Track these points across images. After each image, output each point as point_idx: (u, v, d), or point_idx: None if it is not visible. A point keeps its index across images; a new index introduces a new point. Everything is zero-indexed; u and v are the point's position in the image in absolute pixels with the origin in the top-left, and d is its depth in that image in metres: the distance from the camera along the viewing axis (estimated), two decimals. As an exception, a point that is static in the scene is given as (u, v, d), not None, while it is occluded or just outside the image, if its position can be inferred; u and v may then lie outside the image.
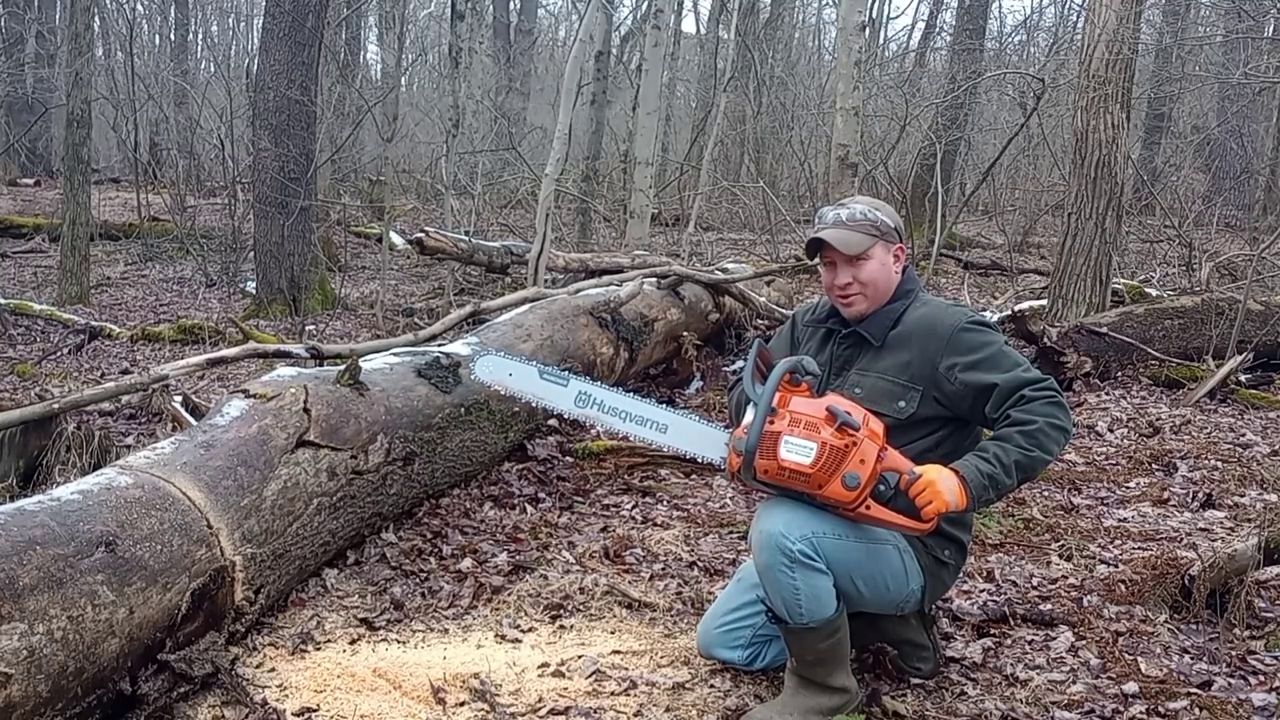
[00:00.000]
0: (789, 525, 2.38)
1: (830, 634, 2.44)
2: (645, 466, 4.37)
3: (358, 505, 3.32)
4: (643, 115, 11.18)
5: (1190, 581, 3.13)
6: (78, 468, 3.94)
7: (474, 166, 11.28)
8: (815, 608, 2.40)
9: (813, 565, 2.38)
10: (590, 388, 2.80)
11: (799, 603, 2.39)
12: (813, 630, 2.42)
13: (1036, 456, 2.35)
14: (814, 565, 2.38)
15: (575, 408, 2.78)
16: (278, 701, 2.57)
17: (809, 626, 2.42)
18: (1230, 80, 12.70)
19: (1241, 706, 2.60)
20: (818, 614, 2.40)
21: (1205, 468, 4.66)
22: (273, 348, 4.80)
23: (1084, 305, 7.33)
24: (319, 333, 7.80)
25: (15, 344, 7.66)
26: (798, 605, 2.39)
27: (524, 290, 6.04)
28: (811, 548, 2.37)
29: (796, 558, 2.36)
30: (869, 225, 2.60)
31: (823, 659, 2.47)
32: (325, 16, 9.20)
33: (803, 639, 2.45)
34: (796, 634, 2.45)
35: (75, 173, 9.92)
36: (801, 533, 2.37)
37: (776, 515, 2.40)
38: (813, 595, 2.39)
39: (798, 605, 2.39)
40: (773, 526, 2.39)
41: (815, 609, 2.40)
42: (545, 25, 26.11)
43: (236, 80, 16.02)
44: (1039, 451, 2.35)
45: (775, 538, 2.37)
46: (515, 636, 2.94)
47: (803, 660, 2.50)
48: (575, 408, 2.78)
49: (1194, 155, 14.25)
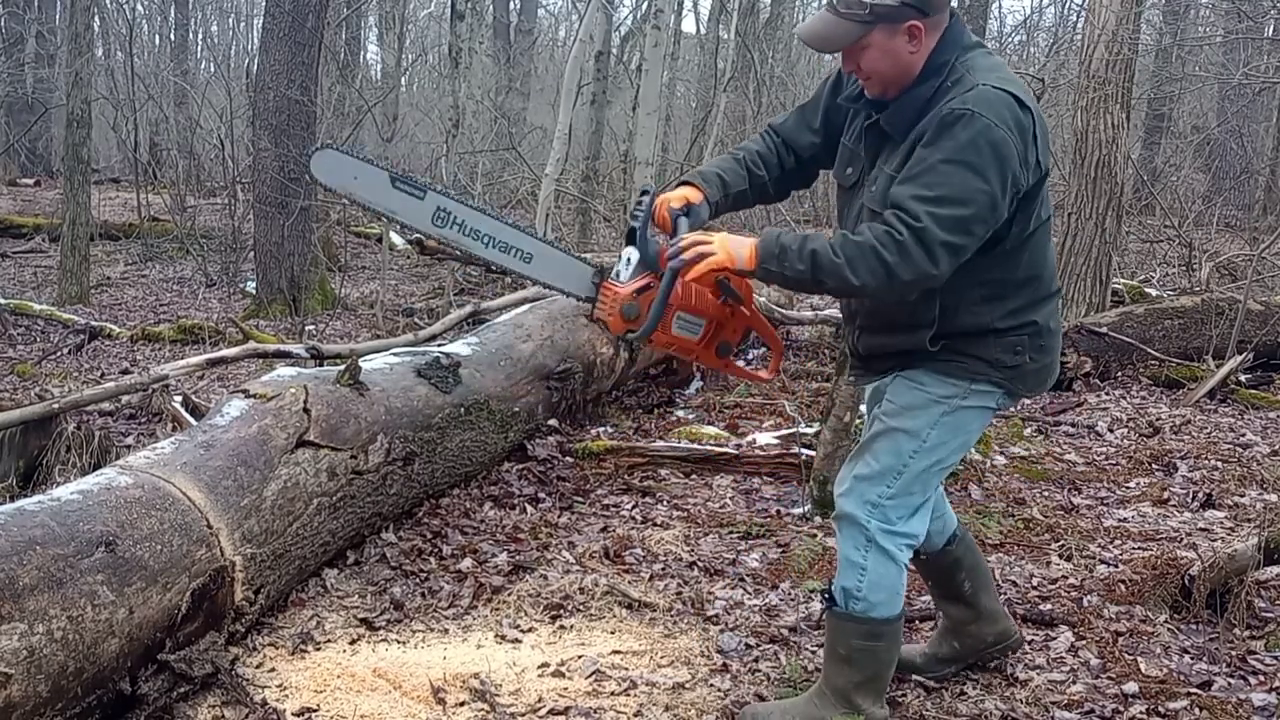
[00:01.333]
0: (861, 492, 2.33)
1: (871, 635, 2.37)
2: (645, 466, 4.37)
3: (358, 505, 3.32)
4: (643, 115, 11.17)
5: (1190, 581, 3.13)
6: (78, 468, 3.95)
7: (474, 166, 11.27)
8: (874, 599, 2.34)
9: (886, 549, 2.31)
10: (451, 205, 2.50)
11: (860, 588, 2.34)
12: (856, 623, 2.36)
13: (838, 264, 2.11)
14: (887, 548, 2.31)
15: (433, 226, 2.49)
16: (278, 701, 2.57)
17: (853, 616, 2.36)
18: (1230, 80, 12.69)
19: (1241, 706, 2.60)
20: (870, 609, 2.34)
21: (1205, 468, 4.66)
22: (273, 348, 4.80)
23: (1084, 305, 7.33)
24: (319, 333, 7.80)
25: (15, 344, 7.67)
26: (857, 588, 2.34)
27: (524, 290, 6.04)
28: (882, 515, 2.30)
29: (874, 537, 2.31)
30: (859, 8, 2.13)
31: (853, 660, 2.39)
32: (325, 16, 9.21)
33: (843, 628, 2.39)
34: (838, 620, 2.39)
35: (75, 173, 9.92)
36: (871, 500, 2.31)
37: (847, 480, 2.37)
38: (875, 585, 2.33)
39: (857, 588, 2.34)
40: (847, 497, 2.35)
41: (872, 601, 2.34)
42: (545, 25, 26.12)
43: (236, 80, 16.02)
44: (844, 262, 2.10)
45: (851, 511, 2.33)
46: (515, 636, 2.94)
47: (833, 652, 2.42)
48: (433, 226, 2.49)
49: (1194, 155, 14.24)
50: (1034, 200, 2.21)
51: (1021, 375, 2.30)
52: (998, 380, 2.30)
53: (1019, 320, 2.28)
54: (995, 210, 2.11)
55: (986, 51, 2.24)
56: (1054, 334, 2.34)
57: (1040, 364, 2.32)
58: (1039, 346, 2.30)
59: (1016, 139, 2.10)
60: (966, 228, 2.09)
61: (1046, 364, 2.34)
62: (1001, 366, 2.28)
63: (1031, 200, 2.20)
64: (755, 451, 4.45)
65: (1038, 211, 2.24)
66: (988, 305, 2.26)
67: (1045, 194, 2.27)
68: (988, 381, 2.29)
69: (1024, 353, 2.28)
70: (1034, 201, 2.21)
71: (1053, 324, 2.33)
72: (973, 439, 2.41)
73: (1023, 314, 2.28)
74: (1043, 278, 2.31)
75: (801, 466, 4.18)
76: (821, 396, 5.32)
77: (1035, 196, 2.21)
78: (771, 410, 5.29)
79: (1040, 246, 2.29)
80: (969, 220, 2.09)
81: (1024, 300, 2.28)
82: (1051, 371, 2.37)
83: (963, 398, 2.30)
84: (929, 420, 2.30)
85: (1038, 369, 2.32)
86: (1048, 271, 2.32)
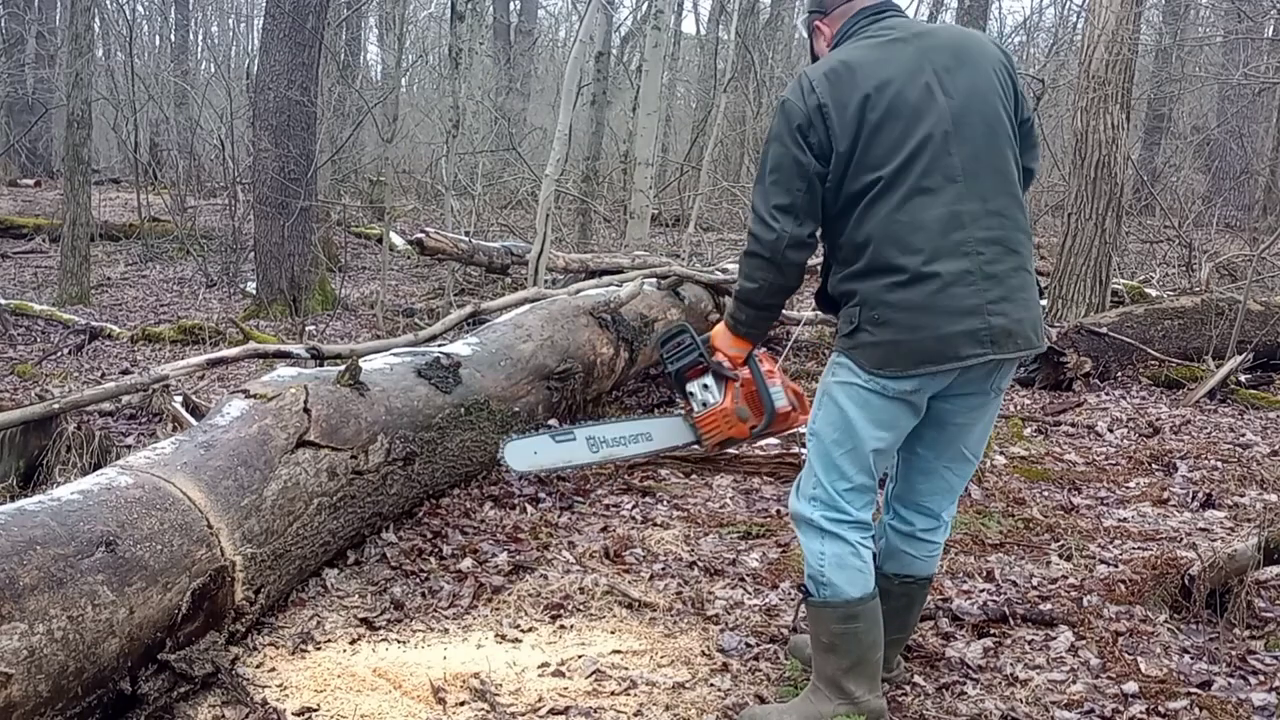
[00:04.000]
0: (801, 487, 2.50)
1: (846, 618, 2.41)
2: (645, 466, 4.37)
3: (358, 505, 3.32)
4: (643, 116, 11.19)
5: (1190, 581, 3.13)
6: (78, 468, 3.94)
7: (474, 167, 11.27)
8: (839, 581, 2.41)
9: (835, 533, 2.42)
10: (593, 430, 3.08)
11: (823, 573, 2.43)
12: (830, 608, 2.41)
13: (739, 287, 2.54)
14: (836, 532, 2.42)
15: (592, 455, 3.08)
16: (278, 701, 2.57)
17: (826, 602, 2.41)
18: (1230, 81, 12.70)
19: (1241, 706, 2.60)
20: (838, 593, 2.40)
21: (1205, 468, 4.66)
22: (273, 348, 4.80)
23: (1084, 305, 7.34)
24: (319, 333, 7.80)
25: (15, 344, 7.67)
26: (820, 574, 2.43)
27: (524, 290, 6.04)
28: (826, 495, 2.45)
29: (821, 525, 2.44)
30: (804, 15, 2.60)
31: (836, 646, 2.42)
32: (325, 17, 9.21)
33: (820, 615, 2.44)
34: (814, 609, 2.45)
35: (75, 173, 9.92)
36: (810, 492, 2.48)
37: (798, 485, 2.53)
38: (835, 567, 2.41)
39: (820, 574, 2.43)
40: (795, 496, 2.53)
41: (838, 583, 2.41)
42: (545, 26, 26.13)
43: (236, 81, 16.02)
44: (741, 279, 2.52)
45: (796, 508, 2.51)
46: (515, 636, 2.94)
47: (817, 643, 2.46)
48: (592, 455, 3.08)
49: (1194, 155, 14.25)
50: (842, 176, 2.36)
51: (861, 347, 2.37)
52: (843, 350, 2.41)
53: (849, 287, 2.39)
54: (801, 165, 2.35)
55: (858, 39, 2.43)
56: (896, 309, 2.31)
57: (879, 339, 2.33)
58: (873, 319, 2.34)
59: (800, 106, 2.36)
60: (780, 187, 2.38)
61: (888, 341, 2.32)
62: (840, 335, 2.43)
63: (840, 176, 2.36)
64: (755, 451, 4.45)
65: (847, 186, 2.36)
66: (838, 267, 2.44)
67: (862, 169, 2.33)
68: (838, 353, 2.44)
69: (856, 322, 2.36)
70: (842, 177, 2.36)
71: (892, 299, 2.31)
72: (858, 419, 2.38)
73: (853, 281, 2.38)
74: (878, 250, 2.32)
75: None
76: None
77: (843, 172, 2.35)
78: (771, 410, 5.28)
79: (861, 217, 2.35)
80: (779, 180, 2.38)
81: (857, 268, 2.37)
82: (903, 350, 2.32)
83: (832, 375, 2.45)
84: (815, 405, 2.50)
85: (876, 342, 2.34)
86: (887, 245, 2.31)
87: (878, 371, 2.34)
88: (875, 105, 2.30)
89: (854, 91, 2.31)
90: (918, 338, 2.30)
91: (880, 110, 2.30)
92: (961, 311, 2.29)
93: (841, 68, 2.35)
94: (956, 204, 2.30)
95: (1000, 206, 2.34)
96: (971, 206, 2.31)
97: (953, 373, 2.33)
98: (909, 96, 2.31)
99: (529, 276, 7.04)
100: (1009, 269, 2.33)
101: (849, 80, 2.32)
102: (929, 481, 2.54)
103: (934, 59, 2.35)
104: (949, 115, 2.32)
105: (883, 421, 2.38)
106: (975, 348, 2.30)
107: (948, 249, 2.29)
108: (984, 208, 2.32)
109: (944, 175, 2.30)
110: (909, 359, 2.31)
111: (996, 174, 2.35)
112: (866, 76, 2.32)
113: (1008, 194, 2.36)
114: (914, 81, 2.32)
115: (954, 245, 2.29)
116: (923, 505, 2.56)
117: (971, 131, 2.33)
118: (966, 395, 2.42)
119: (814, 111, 2.32)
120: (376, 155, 13.06)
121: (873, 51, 2.37)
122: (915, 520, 2.57)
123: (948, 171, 2.30)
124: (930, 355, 2.30)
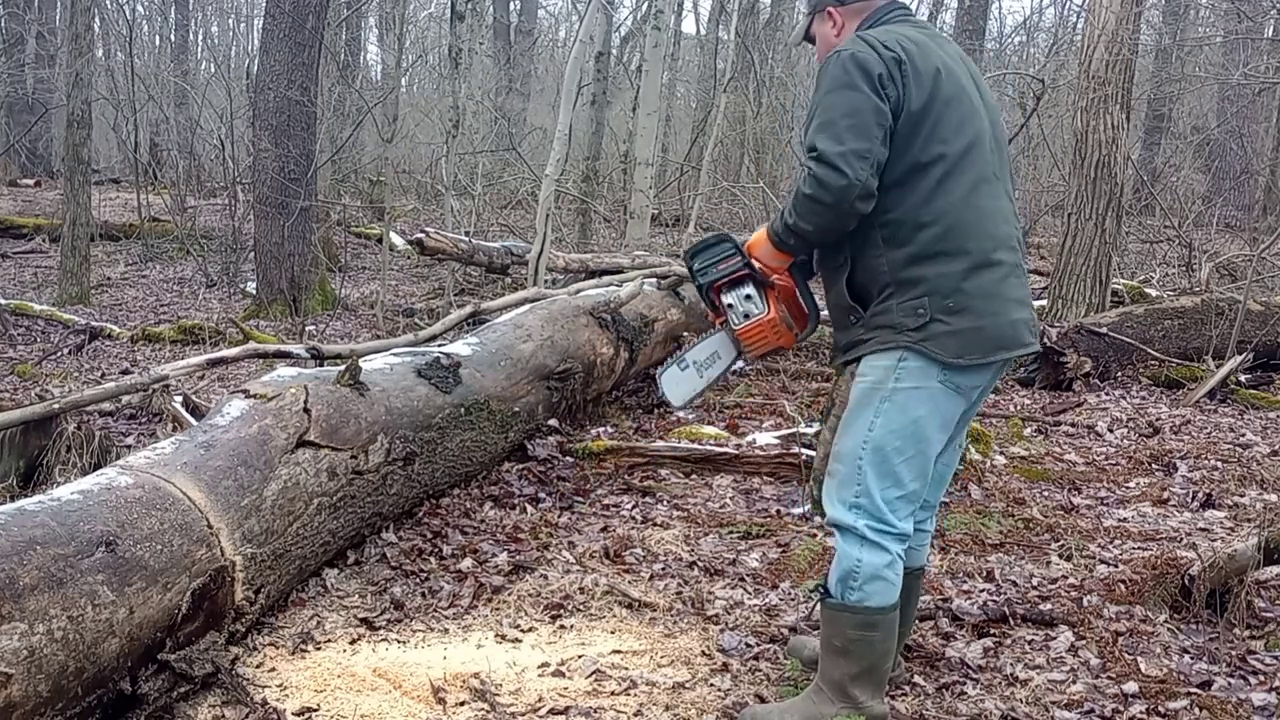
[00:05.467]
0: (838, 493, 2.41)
1: (866, 625, 2.38)
2: (645, 466, 4.37)
3: (358, 505, 3.32)
4: (643, 116, 11.19)
5: (1190, 581, 3.13)
6: (78, 468, 3.94)
7: (474, 167, 11.27)
8: (869, 589, 2.37)
9: (878, 544, 2.35)
10: (689, 354, 2.87)
11: (855, 576, 2.37)
12: (850, 613, 2.38)
13: (790, 222, 2.35)
14: (879, 543, 2.35)
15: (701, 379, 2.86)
16: (278, 701, 2.57)
17: (848, 606, 2.38)
18: (1230, 81, 12.70)
19: (1241, 706, 2.60)
20: (864, 600, 2.37)
21: (1205, 468, 4.66)
22: (273, 348, 4.80)
23: (1084, 305, 7.34)
24: (319, 333, 7.80)
25: (15, 344, 7.67)
26: (853, 580, 2.37)
27: (524, 290, 6.05)
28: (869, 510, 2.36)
29: (863, 534, 2.36)
30: (806, 5, 2.60)
31: (850, 651, 2.40)
32: (325, 17, 9.21)
33: (838, 618, 2.41)
34: (834, 611, 2.41)
35: (75, 173, 9.92)
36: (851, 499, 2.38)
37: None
38: (870, 575, 2.36)
39: (853, 580, 2.37)
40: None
41: (868, 591, 2.37)
42: (545, 26, 26.13)
43: (236, 81, 16.01)
44: (794, 217, 2.33)
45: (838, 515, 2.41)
46: (515, 636, 2.94)
47: (829, 645, 2.43)
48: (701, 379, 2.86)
49: (1194, 155, 14.26)
50: (910, 140, 2.28)
51: (934, 338, 2.28)
52: (911, 346, 2.29)
53: (915, 273, 2.29)
54: (880, 112, 2.25)
55: (902, 27, 2.39)
56: (973, 296, 2.29)
57: (957, 327, 2.28)
58: (948, 307, 2.27)
59: (876, 57, 2.27)
60: (860, 131, 2.24)
61: (968, 328, 2.28)
62: (905, 330, 2.30)
63: (906, 141, 2.28)
64: (755, 451, 4.45)
65: (914, 154, 2.28)
66: (889, 249, 2.30)
67: (931, 138, 2.29)
68: (906, 351, 2.30)
69: (929, 314, 2.28)
70: (910, 141, 2.29)
71: (969, 285, 2.28)
72: (928, 422, 2.34)
73: (918, 266, 2.29)
74: (951, 233, 2.28)
75: (801, 466, 4.19)
76: (821, 396, 5.32)
77: (911, 135, 2.28)
78: (771, 410, 5.29)
79: (930, 194, 2.29)
80: (858, 126, 2.24)
81: (921, 250, 2.28)
82: (984, 337, 2.30)
83: (896, 379, 2.32)
84: (871, 411, 2.35)
85: (953, 331, 2.28)
86: (962, 229, 2.29)
87: (957, 361, 2.28)
88: (948, 80, 2.32)
89: (928, 59, 2.31)
90: (996, 323, 2.30)
91: (951, 87, 2.32)
92: (1018, 300, 2.37)
93: (904, 38, 2.31)
94: (1002, 200, 2.39)
95: (1015, 214, 2.46)
96: (1009, 205, 2.42)
97: (1013, 361, 2.40)
98: (966, 85, 2.37)
99: (529, 276, 7.05)
100: (1027, 271, 2.46)
101: (920, 49, 2.31)
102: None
103: (967, 63, 2.45)
104: (987, 116, 2.40)
105: (948, 420, 2.38)
106: (1029, 336, 2.40)
107: (1003, 240, 2.36)
108: (1013, 209, 2.45)
109: (993, 170, 2.38)
110: (988, 345, 2.30)
111: (1011, 182, 2.49)
112: (933, 52, 2.34)
113: (1013, 206, 2.47)
114: (964, 74, 2.39)
115: (1006, 237, 2.37)
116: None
117: (998, 140, 2.43)
118: (989, 387, 2.49)
119: (892, 64, 2.26)
120: (376, 155, 13.06)
121: (925, 37, 2.38)
122: (916, 513, 2.56)
123: (995, 168, 2.38)
124: (1005, 340, 2.33)
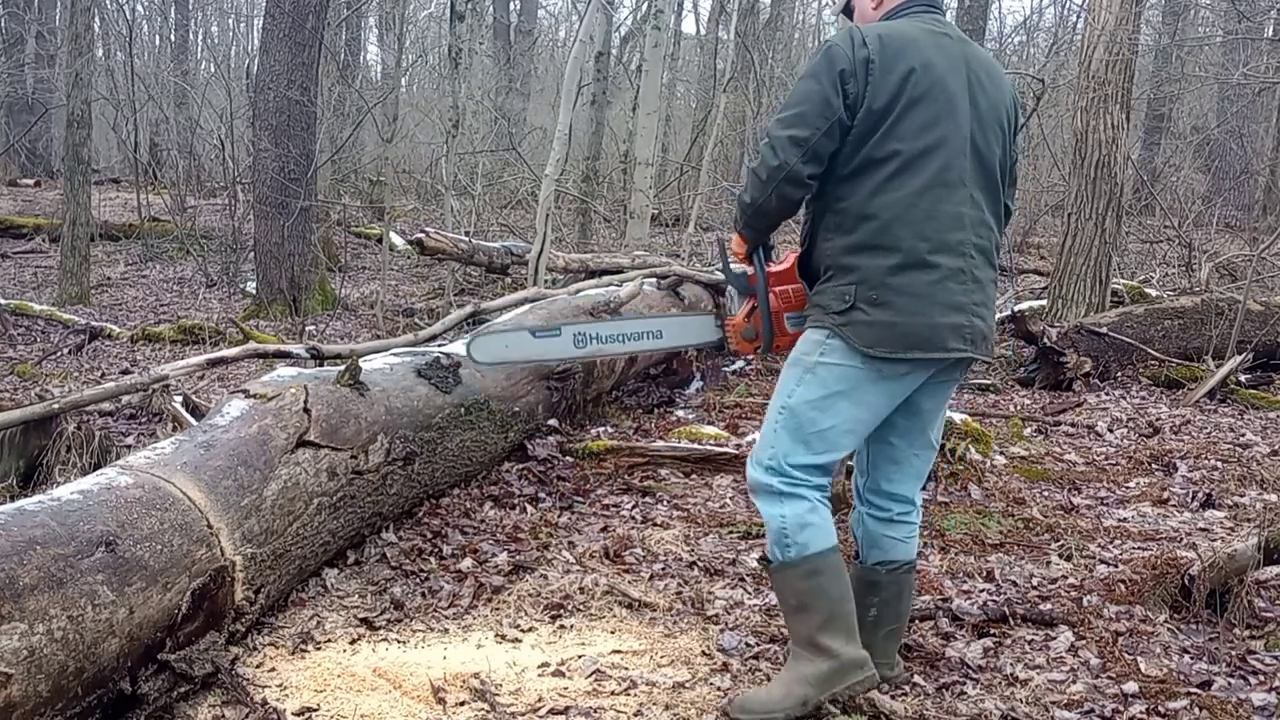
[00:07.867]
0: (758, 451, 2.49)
1: (810, 574, 2.42)
2: (645, 466, 4.37)
3: (358, 505, 3.32)
4: (643, 115, 11.18)
5: (1190, 581, 3.13)
6: (78, 468, 3.94)
7: (474, 167, 11.27)
8: (801, 539, 2.43)
9: (793, 494, 2.42)
10: (582, 327, 2.92)
11: (785, 531, 2.43)
12: (792, 567, 2.43)
13: (739, 194, 2.55)
14: (794, 493, 2.42)
15: (578, 350, 2.93)
16: (278, 701, 2.57)
17: (789, 562, 2.43)
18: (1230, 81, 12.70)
19: (1241, 706, 2.60)
20: (802, 550, 2.42)
21: (1205, 468, 4.66)
22: (273, 348, 4.80)
23: (1084, 305, 7.34)
24: (319, 333, 7.80)
25: (15, 344, 7.67)
26: (784, 535, 2.44)
27: (524, 290, 6.04)
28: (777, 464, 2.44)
29: (779, 489, 2.44)
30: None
31: (806, 604, 2.44)
32: (325, 17, 9.21)
33: (785, 578, 2.46)
34: (779, 573, 2.48)
35: (75, 173, 9.92)
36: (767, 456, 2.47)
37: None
38: (797, 526, 2.42)
39: (784, 535, 2.44)
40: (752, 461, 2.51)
41: (801, 541, 2.43)
42: (545, 26, 26.12)
43: (236, 81, 16.01)
44: (741, 189, 2.55)
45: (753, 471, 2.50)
46: (515, 636, 2.94)
47: (787, 607, 2.49)
48: (578, 350, 2.93)
49: (1194, 155, 14.25)
50: (867, 136, 2.38)
51: (853, 325, 2.39)
52: (832, 328, 2.41)
53: (849, 261, 2.41)
54: (828, 105, 2.36)
55: (911, 20, 2.47)
56: (897, 292, 2.37)
57: (874, 319, 2.37)
58: (871, 299, 2.38)
59: (846, 53, 2.37)
60: (802, 120, 2.37)
61: (883, 321, 2.37)
62: (830, 312, 2.43)
63: (863, 137, 2.38)
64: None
65: (869, 150, 2.38)
66: (833, 235, 2.44)
67: (889, 136, 2.37)
68: (829, 332, 2.42)
69: (851, 301, 2.39)
70: (867, 137, 2.38)
71: (895, 281, 2.36)
72: (846, 398, 2.42)
73: (853, 255, 2.40)
74: (888, 229, 2.37)
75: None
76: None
77: (869, 131, 2.37)
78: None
79: (877, 189, 2.39)
80: (803, 114, 2.38)
81: (858, 241, 2.39)
82: (897, 333, 2.37)
83: (821, 354, 2.44)
84: (794, 380, 2.47)
85: (870, 322, 2.37)
86: (900, 227, 2.37)
87: (869, 351, 2.38)
88: (919, 81, 2.38)
89: (902, 60, 2.38)
90: (913, 323, 2.38)
91: (922, 88, 2.38)
92: (952, 306, 2.40)
93: (896, 35, 2.42)
94: (963, 206, 2.42)
95: (990, 220, 2.48)
96: (972, 212, 2.43)
97: (937, 363, 2.44)
98: (949, 87, 2.41)
99: (529, 276, 7.04)
100: (988, 279, 2.49)
101: (901, 48, 2.39)
102: (900, 469, 2.62)
103: (974, 66, 2.47)
104: (973, 121, 2.43)
105: (875, 405, 2.45)
106: (959, 343, 2.42)
107: (949, 245, 2.39)
108: (980, 217, 2.46)
109: (958, 175, 2.41)
110: (900, 342, 2.38)
111: (991, 190, 2.49)
112: (918, 51, 2.40)
113: (994, 212, 2.50)
114: (955, 76, 2.42)
115: (955, 243, 2.40)
116: (896, 493, 2.63)
117: (984, 145, 2.45)
118: (941, 384, 2.53)
119: (860, 63, 2.36)
120: (376, 155, 13.05)
121: (925, 35, 2.45)
122: (891, 506, 2.63)
123: (961, 173, 2.41)
124: (920, 342, 2.39)
